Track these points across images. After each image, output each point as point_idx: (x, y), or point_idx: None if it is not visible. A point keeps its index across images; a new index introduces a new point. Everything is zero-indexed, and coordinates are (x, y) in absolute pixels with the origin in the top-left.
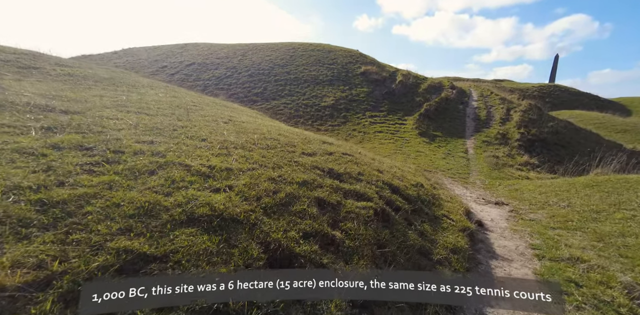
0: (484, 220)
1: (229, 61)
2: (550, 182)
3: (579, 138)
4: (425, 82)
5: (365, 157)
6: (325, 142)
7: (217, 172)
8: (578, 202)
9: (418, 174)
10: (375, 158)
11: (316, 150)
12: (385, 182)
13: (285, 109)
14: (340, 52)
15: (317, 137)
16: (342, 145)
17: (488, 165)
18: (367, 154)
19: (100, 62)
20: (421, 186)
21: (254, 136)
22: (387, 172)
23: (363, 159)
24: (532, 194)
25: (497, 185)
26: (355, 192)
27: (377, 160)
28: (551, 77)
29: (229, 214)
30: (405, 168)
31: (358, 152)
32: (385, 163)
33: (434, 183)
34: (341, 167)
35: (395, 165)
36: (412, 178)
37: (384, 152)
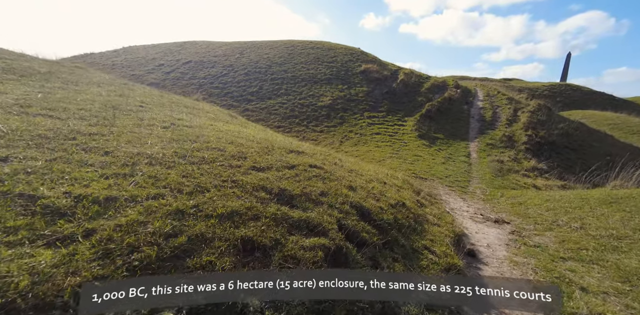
0: (478, 245)
1: (226, 59)
2: (560, 196)
3: (592, 140)
4: (429, 81)
5: (342, 168)
6: (293, 151)
7: (84, 205)
8: (593, 223)
9: (405, 186)
10: (355, 169)
11: (273, 162)
12: (354, 204)
13: (280, 108)
14: (341, 50)
15: (286, 145)
16: (317, 153)
17: (491, 171)
18: (347, 164)
19: (100, 60)
20: (402, 206)
21: (190, 146)
22: (362, 189)
23: (337, 171)
24: (538, 209)
25: (499, 197)
26: (307, 223)
27: (355, 173)
28: (563, 75)
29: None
30: (390, 180)
31: (334, 162)
32: (366, 175)
33: (422, 197)
34: (299, 185)
35: (378, 177)
36: (394, 195)
37: (379, 157)
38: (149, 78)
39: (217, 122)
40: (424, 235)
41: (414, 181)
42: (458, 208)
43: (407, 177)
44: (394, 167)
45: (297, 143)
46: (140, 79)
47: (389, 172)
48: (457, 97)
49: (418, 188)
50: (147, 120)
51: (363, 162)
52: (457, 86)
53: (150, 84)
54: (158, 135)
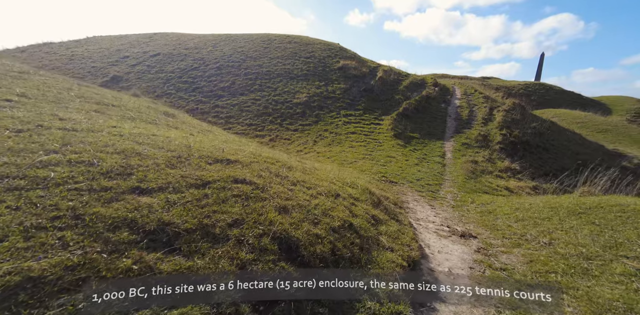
0: (438, 272)
1: (198, 52)
2: (529, 204)
3: (563, 140)
4: (407, 79)
5: (284, 181)
6: (219, 161)
7: None
8: (562, 238)
9: (363, 197)
10: (304, 180)
11: (175, 179)
12: (279, 234)
13: (253, 105)
14: (319, 45)
15: (214, 152)
16: (259, 161)
17: (465, 173)
18: (296, 174)
19: (58, 50)
20: (348, 228)
21: (33, 159)
22: (299, 210)
23: (273, 186)
24: (507, 219)
25: (469, 203)
26: (185, 281)
27: (302, 185)
28: (537, 75)
29: None
30: (346, 191)
31: (277, 172)
32: (316, 187)
33: (382, 210)
34: (198, 214)
35: (332, 188)
36: (342, 213)
37: (351, 158)
38: (111, 71)
39: (130, 122)
40: (367, 269)
41: (381, 186)
42: (424, 218)
43: (369, 185)
44: (364, 169)
45: (236, 148)
46: (101, 71)
47: (350, 180)
48: (435, 95)
49: (380, 197)
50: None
51: (332, 164)
52: (435, 84)
53: (112, 77)
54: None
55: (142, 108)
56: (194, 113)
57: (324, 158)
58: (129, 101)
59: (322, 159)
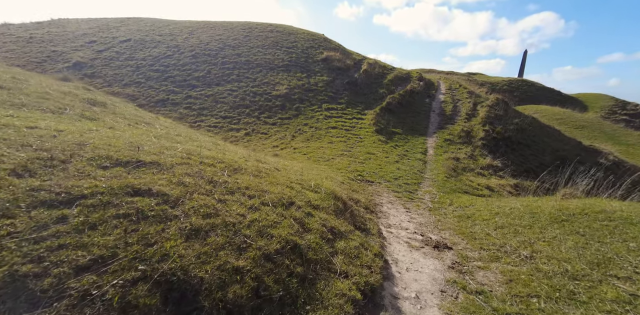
0: (403, 299)
1: (173, 39)
2: (509, 209)
3: (543, 136)
4: (392, 73)
5: (218, 189)
6: (121, 164)
7: None
8: (545, 250)
9: (325, 204)
10: (252, 186)
11: (4, 197)
12: (167, 277)
13: (229, 96)
14: (302, 35)
15: (126, 150)
16: (195, 158)
17: (446, 171)
18: (244, 179)
19: (16, 32)
20: (290, 252)
21: None
22: (221, 231)
23: (194, 199)
24: (485, 226)
25: (447, 206)
26: None
27: (250, 190)
28: (520, 71)
29: None
30: (305, 197)
31: (212, 177)
32: (267, 194)
33: (347, 218)
34: (30, 252)
35: (286, 195)
36: (287, 230)
37: (329, 154)
38: (74, 56)
39: (10, 111)
40: (304, 313)
41: (354, 187)
42: (397, 224)
43: (337, 188)
44: (341, 167)
45: (167, 146)
46: (62, 56)
47: (315, 182)
48: (420, 89)
49: (348, 202)
50: None
51: (305, 162)
52: (420, 79)
53: (75, 63)
54: None
55: (54, 93)
56: (165, 104)
57: (300, 155)
58: (34, 84)
59: (297, 155)
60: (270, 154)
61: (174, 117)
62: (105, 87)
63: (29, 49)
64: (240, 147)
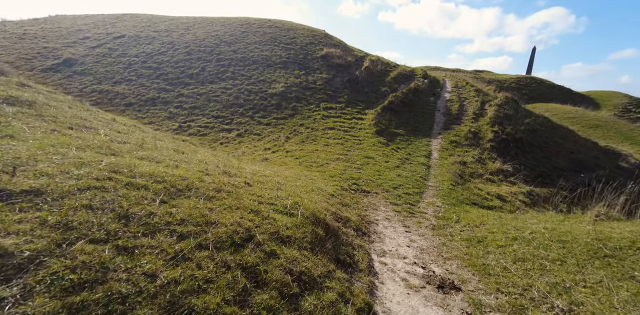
0: None
1: (168, 35)
2: (530, 233)
3: (557, 137)
4: (395, 70)
5: (122, 234)
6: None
7: None
8: (589, 303)
9: (300, 232)
10: (194, 215)
11: None
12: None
13: (222, 95)
14: (302, 31)
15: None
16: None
17: (451, 177)
18: (186, 204)
19: (11, 28)
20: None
21: None
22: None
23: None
24: (502, 256)
25: (454, 223)
26: None
27: (176, 225)
28: (528, 69)
29: None
30: (272, 224)
31: (131, 212)
32: (207, 229)
33: (322, 258)
34: None
35: (244, 226)
36: (217, 297)
37: (324, 159)
38: (65, 52)
39: None
40: None
41: (346, 200)
42: (393, 251)
43: (322, 205)
44: (334, 174)
45: (76, 161)
46: (52, 53)
47: (294, 200)
48: (424, 88)
49: (333, 226)
50: None
51: (295, 169)
52: (425, 76)
53: (65, 60)
54: None
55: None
56: (155, 103)
57: (292, 159)
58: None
59: (289, 160)
60: (259, 158)
61: (163, 116)
62: (94, 85)
63: (20, 46)
64: (218, 152)
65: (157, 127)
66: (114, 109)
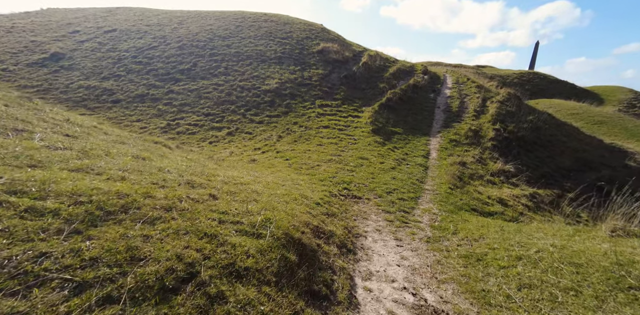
0: None
1: (160, 29)
2: (537, 251)
3: (561, 135)
4: (395, 66)
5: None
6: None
7: None
8: None
9: (264, 260)
10: (108, 254)
11: None
12: None
13: (214, 91)
14: (299, 25)
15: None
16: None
17: (450, 179)
18: (107, 236)
19: (0, 21)
20: None
21: None
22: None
23: None
24: (504, 281)
25: (451, 234)
26: None
27: (70, 274)
28: (531, 64)
29: None
30: (227, 252)
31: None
32: (129, 271)
33: (290, 293)
34: None
35: (185, 260)
36: None
37: (315, 160)
38: (53, 47)
39: None
40: None
41: (333, 209)
42: (381, 272)
43: (300, 219)
44: (324, 177)
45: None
46: (40, 47)
47: (264, 216)
48: (424, 84)
49: (314, 239)
50: None
51: (283, 172)
52: (425, 72)
53: (52, 54)
54: None
55: None
56: (143, 100)
57: (281, 160)
58: None
59: (278, 161)
60: (247, 159)
61: (152, 113)
62: (81, 81)
63: (6, 39)
64: (195, 155)
65: (145, 124)
66: (101, 105)
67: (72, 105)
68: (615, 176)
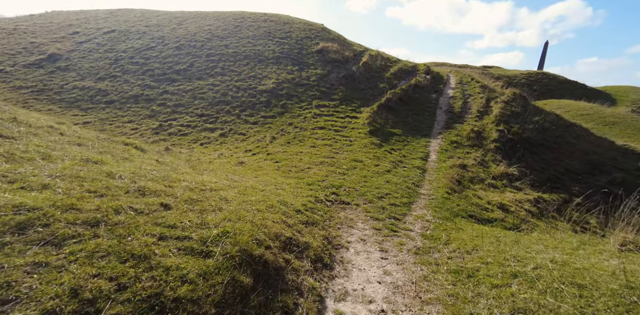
0: None
1: (159, 30)
2: (534, 267)
3: (570, 136)
4: (396, 66)
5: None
6: None
7: None
8: None
9: (209, 282)
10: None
11: None
12: None
13: (209, 92)
14: (298, 25)
15: None
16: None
17: (448, 183)
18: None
19: (5, 25)
20: None
21: None
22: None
23: None
24: (497, 303)
25: (442, 245)
26: None
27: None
28: (540, 64)
29: None
30: (156, 280)
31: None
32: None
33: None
34: None
35: (76, 302)
36: None
37: (306, 162)
38: (51, 48)
39: None
40: None
41: (316, 216)
42: (357, 292)
43: (269, 230)
44: (313, 181)
45: None
46: (39, 48)
47: (221, 229)
48: (426, 84)
49: (281, 253)
50: None
51: (268, 175)
52: (427, 72)
53: (50, 55)
54: None
55: None
56: (137, 100)
57: (271, 162)
58: None
59: (267, 163)
60: (234, 161)
61: (144, 114)
62: (76, 81)
63: (7, 41)
64: (169, 157)
65: (136, 126)
66: (94, 106)
67: (66, 106)
68: (628, 180)
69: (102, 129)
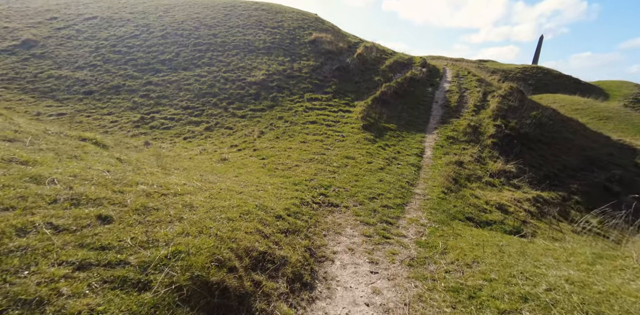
0: None
1: (144, 17)
2: (548, 288)
3: (567, 132)
4: (391, 58)
5: None
6: None
7: None
8: None
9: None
10: None
11: None
12: None
13: (195, 83)
14: (291, 15)
15: None
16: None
17: (444, 182)
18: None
19: None
20: None
21: None
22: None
23: None
24: None
25: (439, 254)
26: None
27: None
28: (535, 58)
29: None
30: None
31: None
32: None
33: None
34: None
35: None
36: None
37: (295, 159)
38: (25, 33)
39: None
40: None
41: (300, 222)
42: (341, 313)
43: (232, 250)
44: (300, 180)
45: None
46: (12, 33)
47: (174, 247)
48: (422, 77)
49: (256, 268)
50: None
51: (253, 174)
52: (423, 65)
53: (24, 41)
54: None
55: None
56: (118, 91)
57: (256, 159)
58: None
59: (252, 160)
60: (217, 158)
61: (126, 106)
62: (52, 70)
63: None
64: (141, 154)
65: (116, 118)
66: (71, 97)
67: (39, 96)
68: (626, 176)
69: (78, 121)
